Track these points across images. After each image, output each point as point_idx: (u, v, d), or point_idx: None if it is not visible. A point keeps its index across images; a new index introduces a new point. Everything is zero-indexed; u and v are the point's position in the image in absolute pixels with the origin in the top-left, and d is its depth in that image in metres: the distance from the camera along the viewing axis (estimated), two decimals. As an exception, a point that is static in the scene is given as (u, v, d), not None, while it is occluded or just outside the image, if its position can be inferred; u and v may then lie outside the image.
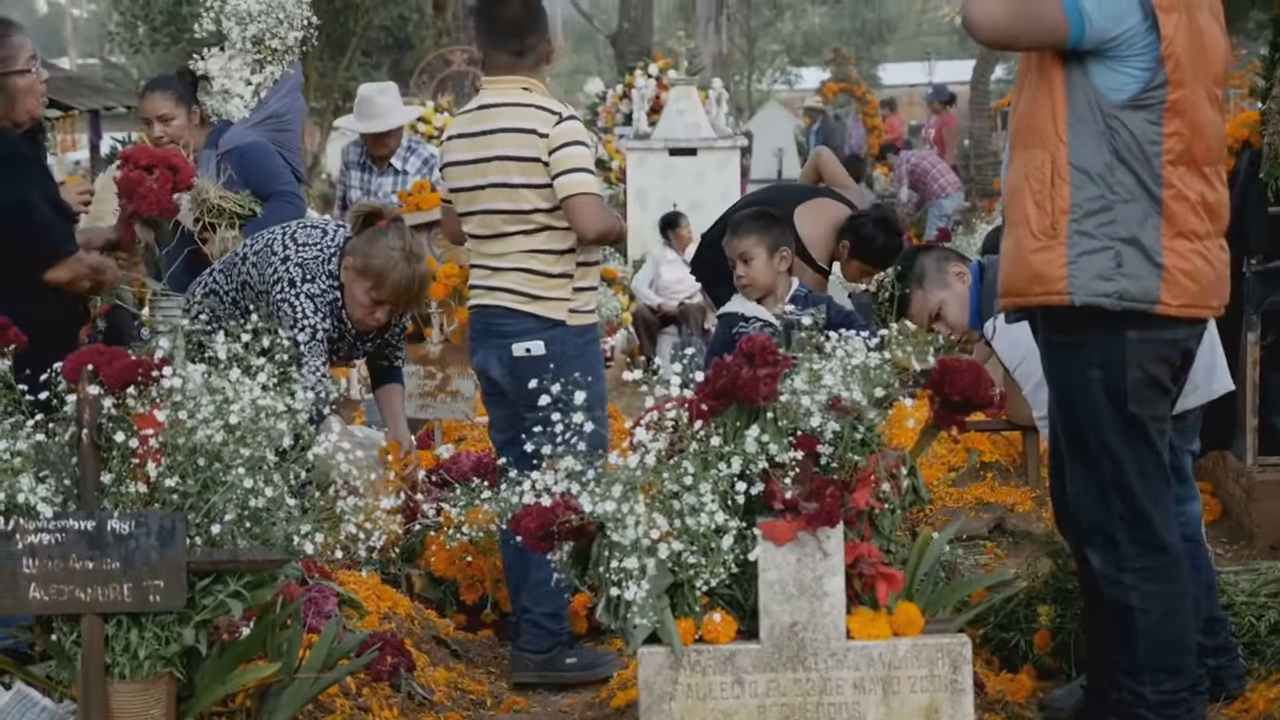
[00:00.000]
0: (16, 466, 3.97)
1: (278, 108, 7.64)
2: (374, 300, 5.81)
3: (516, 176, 5.69)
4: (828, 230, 7.66)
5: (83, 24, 68.97)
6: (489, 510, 4.47)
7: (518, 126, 5.71)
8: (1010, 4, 4.32)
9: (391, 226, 5.85)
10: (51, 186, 5.23)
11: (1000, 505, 7.89)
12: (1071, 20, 4.29)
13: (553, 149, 5.66)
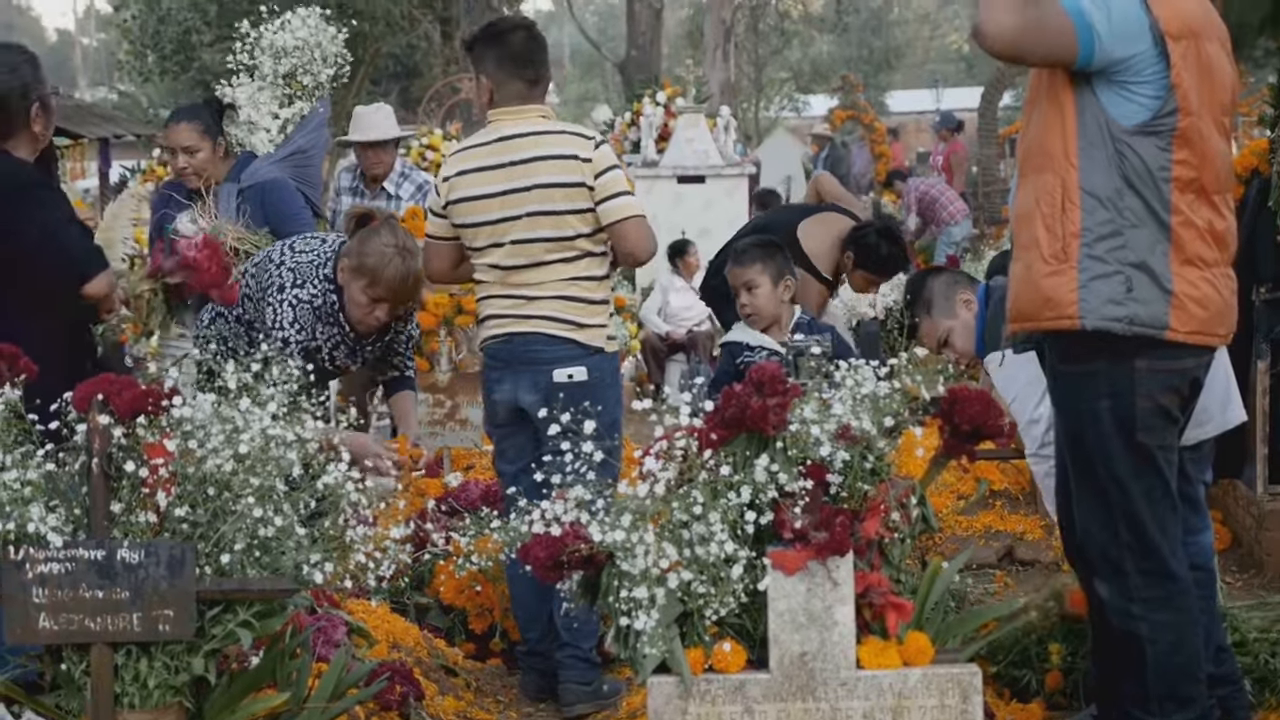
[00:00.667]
0: (27, 496, 3.97)
1: (303, 143, 7.60)
2: (371, 298, 5.81)
3: (561, 203, 5.68)
4: (832, 243, 7.72)
5: (92, 52, 69.23)
6: (498, 539, 4.47)
7: (558, 153, 5.71)
8: (1023, 16, 4.28)
9: (384, 224, 5.85)
10: (70, 208, 5.23)
11: (1010, 533, 7.88)
12: (1081, 38, 4.29)
13: (598, 173, 5.69)
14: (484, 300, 5.94)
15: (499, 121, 5.86)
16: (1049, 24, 4.31)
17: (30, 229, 5.01)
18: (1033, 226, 4.49)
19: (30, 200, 5.06)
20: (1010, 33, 4.30)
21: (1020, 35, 4.31)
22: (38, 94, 5.24)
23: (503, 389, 5.87)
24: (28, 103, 5.20)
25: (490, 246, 5.81)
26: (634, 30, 32.97)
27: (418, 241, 6.07)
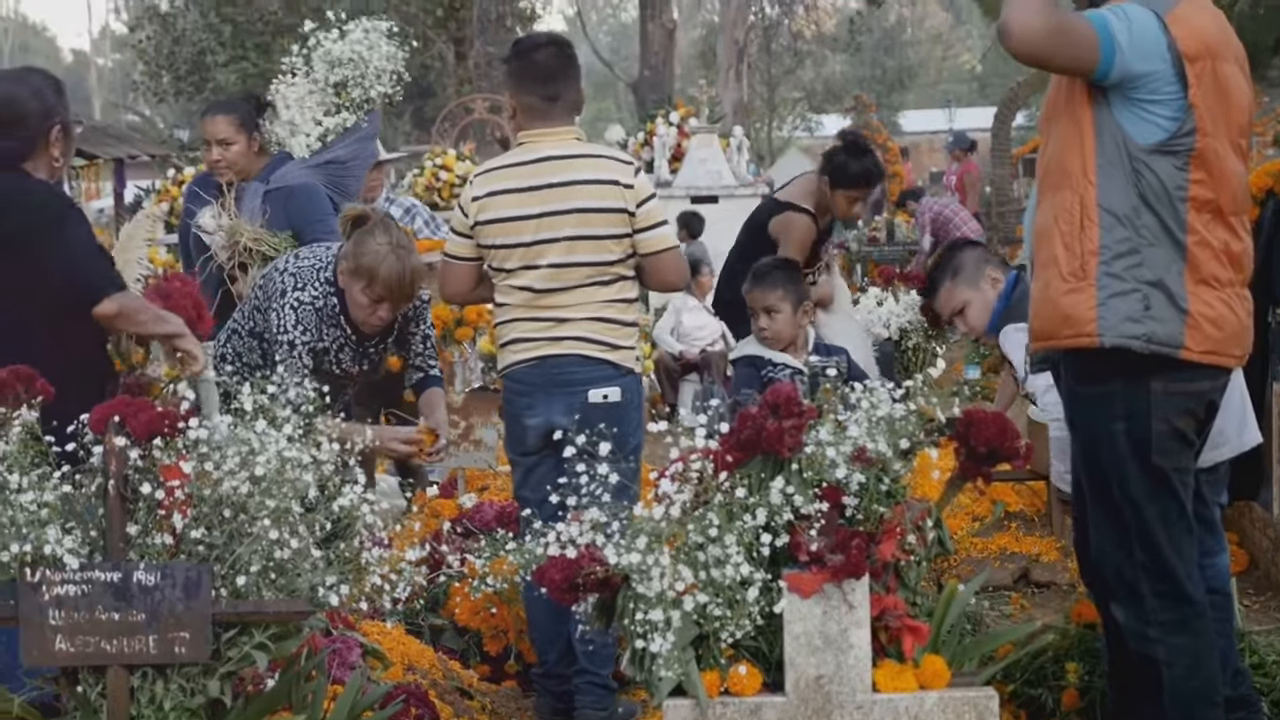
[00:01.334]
0: (43, 518, 3.98)
1: (343, 154, 7.52)
2: (371, 299, 5.81)
3: (601, 228, 5.63)
4: (807, 183, 7.87)
5: (107, 73, 69.48)
6: (514, 562, 4.47)
7: (599, 178, 5.65)
8: (1051, 21, 4.26)
9: (379, 224, 5.85)
10: (89, 230, 5.24)
11: (1025, 555, 7.85)
12: (1104, 49, 4.27)
13: (639, 201, 5.64)
14: (509, 324, 5.83)
15: (534, 142, 5.78)
16: (1074, 31, 4.30)
17: (49, 249, 5.02)
18: (1051, 244, 4.49)
19: (51, 221, 5.07)
20: (1037, 34, 4.27)
21: (1046, 38, 4.28)
22: (60, 118, 5.26)
23: (535, 414, 5.77)
24: (48, 125, 5.22)
25: (523, 269, 5.73)
26: (647, 50, 33.02)
27: (412, 239, 6.07)
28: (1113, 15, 4.33)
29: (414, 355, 6.31)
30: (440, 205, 17.16)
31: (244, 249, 6.87)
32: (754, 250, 7.92)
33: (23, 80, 5.38)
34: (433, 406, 6.31)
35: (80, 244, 5.09)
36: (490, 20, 25.47)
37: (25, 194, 5.13)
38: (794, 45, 42.90)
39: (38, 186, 5.17)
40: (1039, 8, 4.26)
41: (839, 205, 7.88)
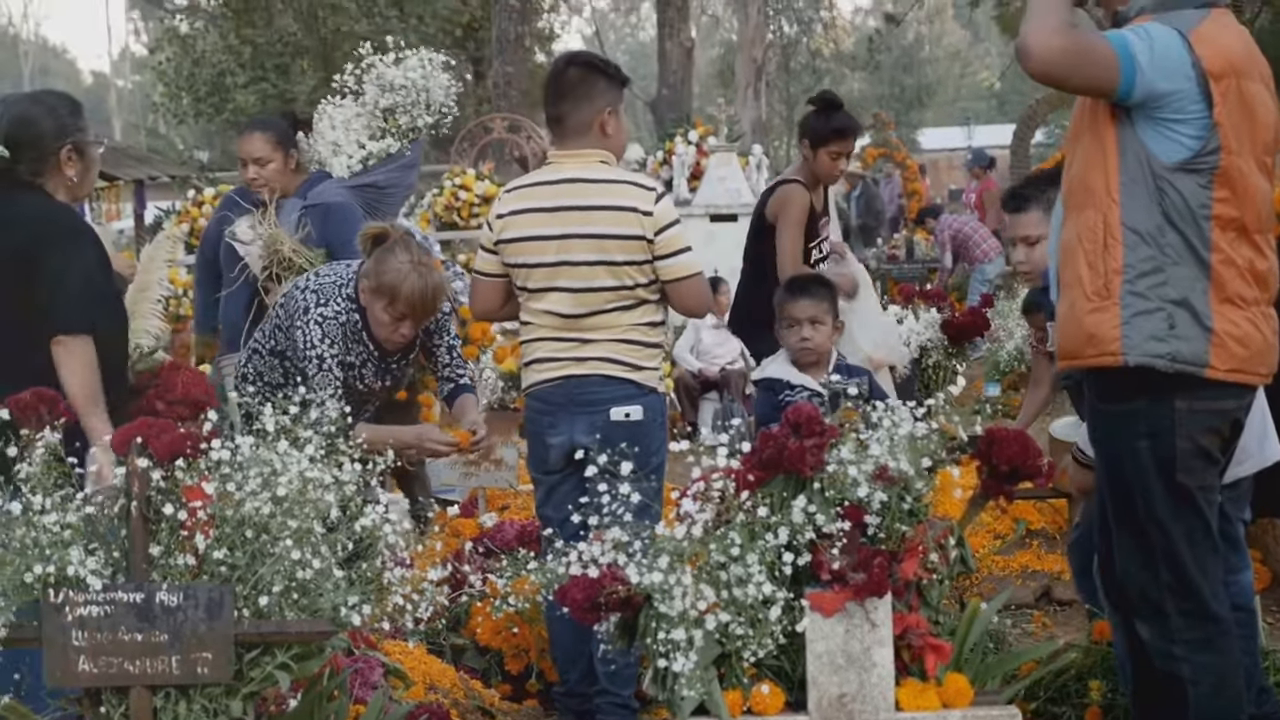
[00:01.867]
0: (66, 539, 3.98)
1: (381, 179, 7.54)
2: (393, 316, 5.82)
3: (618, 254, 5.60)
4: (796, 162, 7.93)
5: (127, 95, 69.71)
6: (535, 581, 4.47)
7: (618, 204, 5.62)
8: (1068, 41, 4.27)
9: (399, 242, 5.85)
10: (91, 257, 5.22)
11: (1047, 573, 7.83)
12: (1124, 69, 4.27)
13: (658, 229, 5.60)
14: (534, 343, 5.82)
15: (560, 163, 5.77)
16: (1092, 51, 4.30)
17: (48, 268, 5.04)
18: (1075, 263, 4.48)
19: (54, 239, 5.08)
20: (1054, 54, 4.27)
21: (1063, 57, 4.28)
22: (73, 139, 5.27)
23: (557, 433, 5.75)
24: (59, 145, 5.23)
25: (545, 290, 5.72)
26: (665, 69, 33.06)
27: (434, 252, 6.09)
28: (1134, 35, 4.33)
29: (441, 367, 6.31)
30: (459, 225, 17.18)
31: (282, 260, 6.89)
32: (754, 246, 7.96)
33: (38, 100, 5.41)
34: (465, 410, 6.32)
35: (73, 271, 5.09)
36: (509, 40, 25.49)
37: (39, 211, 5.15)
38: (812, 63, 42.99)
39: (51, 206, 5.19)
40: (1056, 28, 4.26)
41: (823, 165, 7.89)
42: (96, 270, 5.22)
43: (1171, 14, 4.39)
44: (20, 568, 3.94)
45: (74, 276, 5.08)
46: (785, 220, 7.78)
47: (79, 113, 5.37)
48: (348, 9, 27.47)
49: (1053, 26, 4.26)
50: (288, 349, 5.94)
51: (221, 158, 32.89)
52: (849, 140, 7.96)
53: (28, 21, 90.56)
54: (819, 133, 7.84)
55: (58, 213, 5.21)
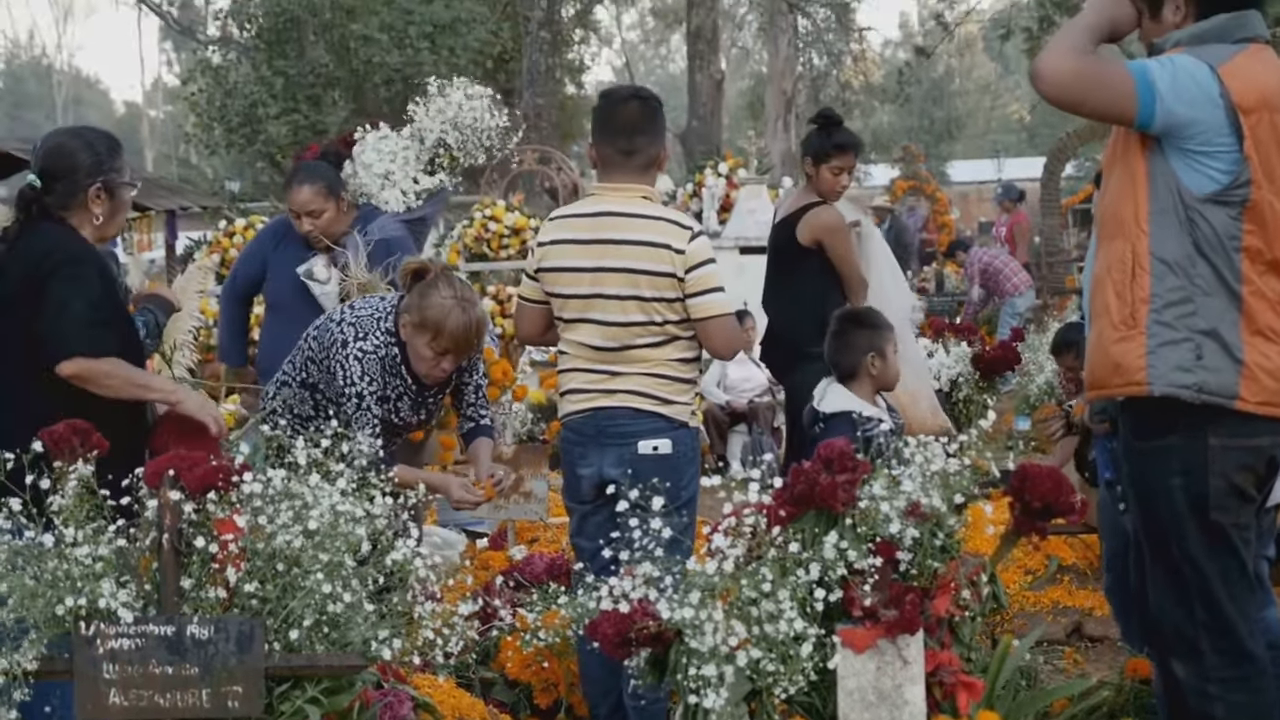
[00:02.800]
0: (98, 571, 3.99)
1: (429, 213, 7.57)
2: (436, 352, 5.81)
3: (647, 290, 5.60)
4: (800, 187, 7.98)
5: (159, 125, 70.08)
6: (565, 615, 4.46)
7: (652, 240, 5.61)
8: (1082, 64, 4.31)
9: (440, 277, 5.85)
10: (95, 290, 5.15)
11: (1078, 609, 7.80)
12: (1141, 96, 4.28)
13: (689, 267, 5.58)
14: (568, 373, 5.84)
15: (603, 195, 5.78)
16: (1107, 76, 4.32)
17: (47, 299, 5.04)
18: (1104, 293, 4.48)
19: (55, 271, 5.07)
20: (1065, 76, 4.30)
21: (1075, 81, 4.31)
22: (104, 178, 5.27)
23: (587, 464, 5.76)
24: (90, 181, 5.23)
25: (579, 321, 5.73)
26: (695, 101, 33.14)
27: (475, 291, 6.07)
28: (1156, 63, 4.34)
29: (466, 405, 6.31)
30: (489, 256, 17.20)
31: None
32: (784, 273, 7.97)
33: (78, 134, 5.43)
34: (479, 454, 6.31)
35: (73, 302, 5.05)
36: (539, 72, 25.60)
37: (50, 243, 5.15)
38: (842, 96, 42.85)
39: (61, 237, 5.19)
40: (1068, 52, 4.32)
41: (825, 181, 7.94)
42: (103, 299, 5.19)
43: (1205, 47, 4.39)
44: (52, 600, 3.95)
45: (79, 303, 5.06)
46: (837, 244, 7.81)
47: (117, 152, 5.38)
48: (379, 41, 27.57)
49: (1065, 50, 4.33)
50: (320, 381, 5.94)
51: (253, 188, 33.03)
52: (850, 155, 7.99)
53: (61, 52, 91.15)
54: (820, 149, 7.91)
55: (65, 243, 5.19)
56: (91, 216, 5.26)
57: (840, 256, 7.84)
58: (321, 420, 5.38)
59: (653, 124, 5.77)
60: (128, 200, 5.45)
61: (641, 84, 38.05)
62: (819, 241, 7.85)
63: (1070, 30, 4.43)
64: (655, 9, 57.47)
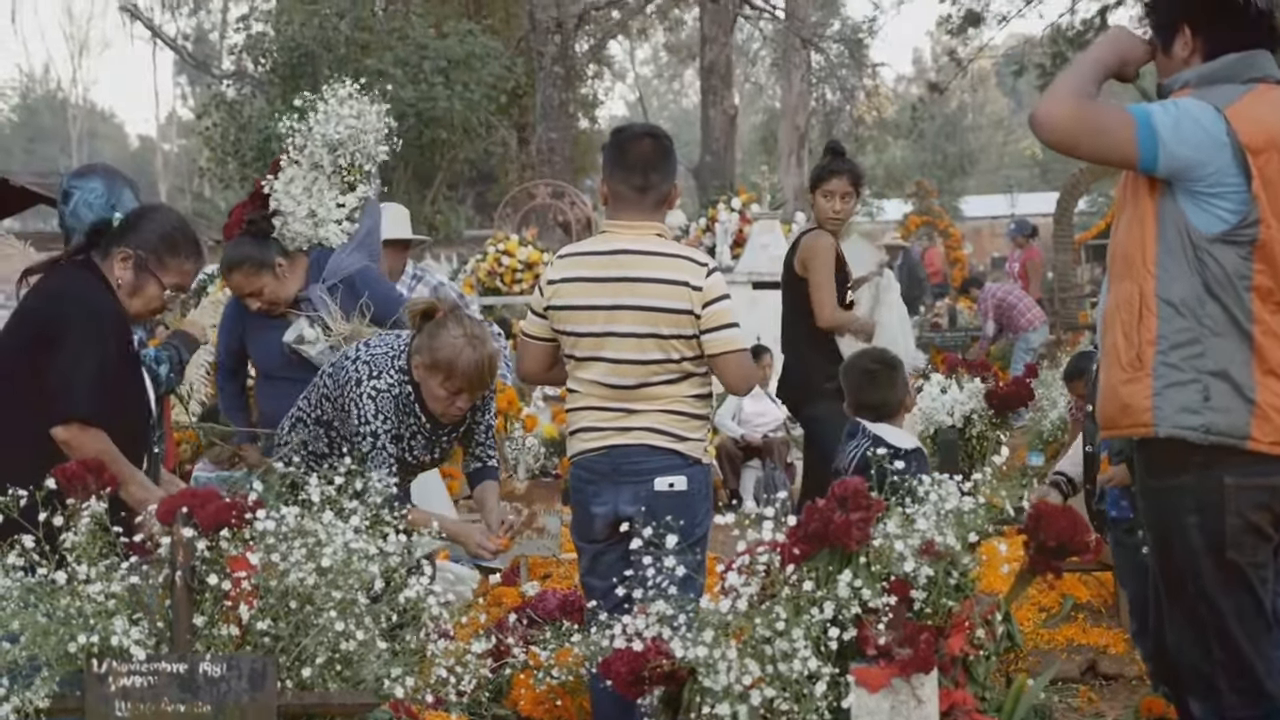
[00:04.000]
0: (110, 609, 3.99)
1: (370, 224, 7.39)
2: (450, 391, 5.80)
3: (665, 328, 5.59)
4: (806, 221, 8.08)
5: (173, 158, 70.31)
6: (578, 653, 4.45)
7: (669, 278, 5.60)
8: (1078, 111, 4.34)
9: (450, 316, 5.84)
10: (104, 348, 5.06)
11: (1092, 647, 7.77)
12: (1143, 143, 4.30)
13: (706, 303, 5.58)
14: (579, 411, 5.81)
15: (615, 233, 5.76)
16: (1106, 122, 4.34)
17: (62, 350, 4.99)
18: (1113, 333, 4.50)
19: (71, 322, 5.04)
20: (1063, 122, 4.34)
21: (1073, 126, 4.34)
22: (139, 251, 5.20)
23: (601, 502, 5.73)
24: (121, 253, 5.19)
25: (591, 359, 5.71)
26: (708, 136, 33.20)
27: (486, 326, 6.05)
28: (1159, 107, 4.36)
29: (474, 445, 6.29)
30: (502, 290, 17.23)
31: None
32: (795, 309, 8.03)
33: (169, 215, 5.44)
34: (486, 498, 6.29)
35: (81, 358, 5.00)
36: (553, 107, 25.64)
37: (72, 289, 5.14)
38: (855, 131, 42.95)
39: (87, 287, 5.16)
40: (1067, 98, 4.36)
41: (818, 206, 8.05)
42: (115, 360, 5.11)
43: (1213, 88, 4.40)
44: (64, 637, 3.95)
45: (86, 366, 4.99)
46: (816, 268, 7.86)
47: (177, 248, 5.28)
48: (394, 75, 27.58)
49: (1063, 96, 4.37)
50: (335, 419, 5.94)
51: (266, 223, 33.00)
52: (841, 179, 8.06)
53: (77, 86, 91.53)
54: (815, 175, 8.08)
55: (90, 294, 5.15)
56: (116, 278, 5.21)
57: (812, 281, 7.88)
58: (336, 458, 5.37)
59: (666, 161, 5.76)
60: (153, 292, 5.27)
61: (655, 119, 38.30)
62: (805, 265, 7.92)
63: (1071, 74, 4.45)
64: (669, 44, 57.54)
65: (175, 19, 57.19)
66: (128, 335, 5.24)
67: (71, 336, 5.00)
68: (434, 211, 30.90)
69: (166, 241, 5.26)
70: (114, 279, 5.20)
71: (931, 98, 37.37)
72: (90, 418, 4.95)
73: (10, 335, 5.16)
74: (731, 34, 34.59)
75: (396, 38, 28.35)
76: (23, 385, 5.01)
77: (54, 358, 4.98)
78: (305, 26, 27.99)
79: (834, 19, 42.91)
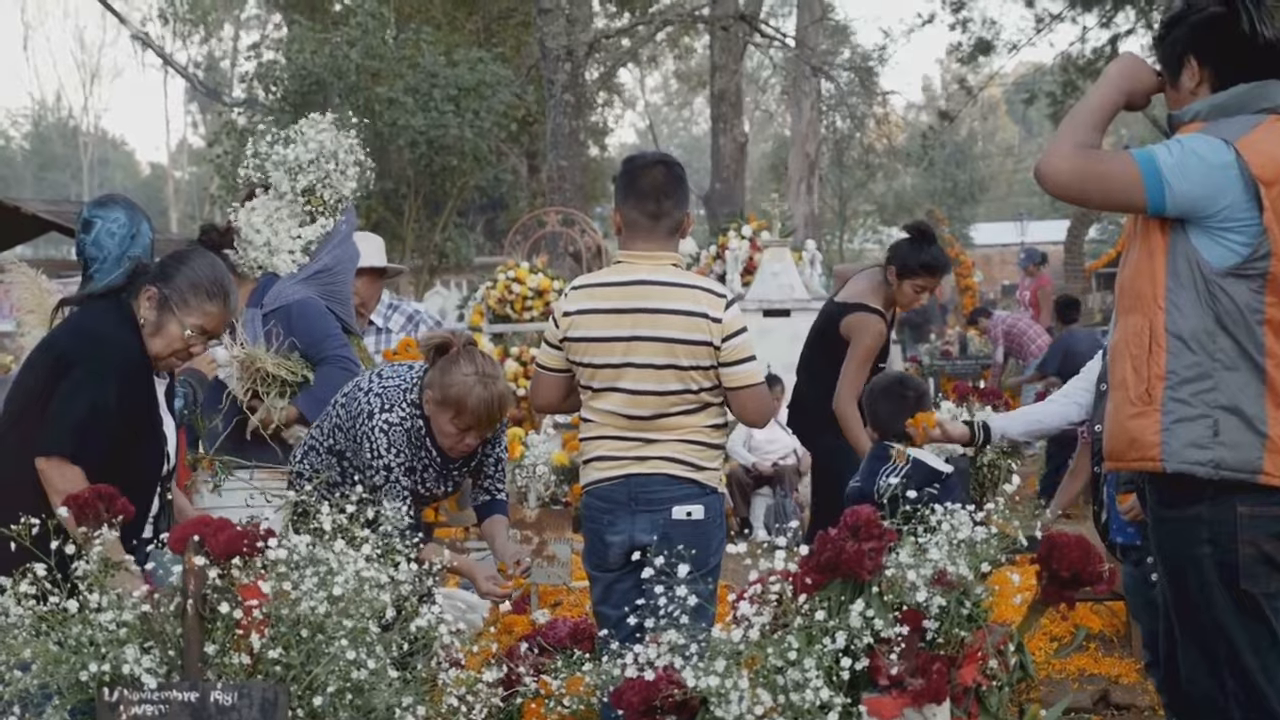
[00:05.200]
0: (122, 637, 3.99)
1: (329, 261, 7.22)
2: (459, 428, 5.78)
3: (685, 359, 5.57)
4: (870, 279, 7.99)
5: (184, 186, 70.49)
6: (590, 682, 4.44)
7: (688, 309, 5.59)
8: (1076, 163, 4.34)
9: (463, 352, 5.82)
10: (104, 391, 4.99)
11: (1104, 677, 7.75)
12: (1150, 186, 4.29)
13: (726, 336, 5.57)
14: (595, 441, 5.78)
15: (632, 264, 5.73)
16: (1110, 172, 4.34)
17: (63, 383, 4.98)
18: (1122, 367, 4.48)
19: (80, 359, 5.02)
20: (1065, 176, 4.36)
21: (1074, 179, 4.36)
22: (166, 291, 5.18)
23: (617, 531, 5.69)
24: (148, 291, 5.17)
25: (608, 390, 5.68)
26: (718, 163, 33.20)
27: (498, 364, 6.02)
28: (1164, 149, 4.35)
29: (484, 478, 6.27)
30: (512, 318, 17.23)
31: (265, 377, 6.69)
32: (823, 354, 8.00)
33: (205, 254, 5.44)
34: (496, 533, 6.26)
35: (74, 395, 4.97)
36: (563, 135, 25.64)
37: (91, 323, 5.15)
38: (865, 158, 43.05)
39: (106, 322, 5.15)
40: (1067, 152, 4.37)
41: (905, 295, 7.97)
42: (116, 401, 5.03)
43: (1223, 121, 4.39)
44: (76, 666, 3.95)
45: (80, 403, 4.95)
46: (858, 344, 7.84)
47: (201, 288, 5.24)
48: (404, 104, 27.69)
49: (1064, 151, 4.37)
50: (347, 450, 5.93)
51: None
52: (937, 277, 8.01)
53: (88, 114, 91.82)
54: (908, 265, 7.90)
55: (103, 332, 5.13)
56: (142, 313, 5.19)
57: (851, 358, 7.86)
58: (348, 487, 5.37)
59: (679, 189, 5.75)
60: (174, 332, 5.21)
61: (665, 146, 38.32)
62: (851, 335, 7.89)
63: (1071, 124, 4.46)
64: (679, 72, 57.66)
65: (187, 47, 57.43)
66: (144, 377, 5.18)
67: (75, 371, 4.97)
68: (444, 238, 30.98)
69: (192, 282, 5.24)
70: (140, 317, 5.18)
71: (942, 125, 37.49)
72: (70, 455, 4.89)
73: (32, 363, 5.16)
74: (741, 62, 34.61)
75: (407, 65, 28.44)
76: (37, 414, 4.98)
77: (56, 388, 4.96)
78: (316, 54, 28.09)
79: (844, 47, 42.91)
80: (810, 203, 32.71)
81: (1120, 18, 30.00)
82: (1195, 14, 4.50)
